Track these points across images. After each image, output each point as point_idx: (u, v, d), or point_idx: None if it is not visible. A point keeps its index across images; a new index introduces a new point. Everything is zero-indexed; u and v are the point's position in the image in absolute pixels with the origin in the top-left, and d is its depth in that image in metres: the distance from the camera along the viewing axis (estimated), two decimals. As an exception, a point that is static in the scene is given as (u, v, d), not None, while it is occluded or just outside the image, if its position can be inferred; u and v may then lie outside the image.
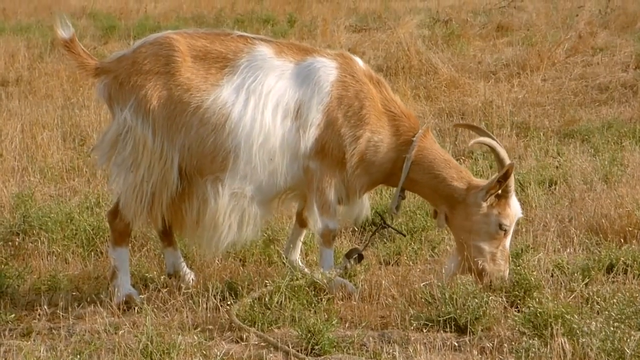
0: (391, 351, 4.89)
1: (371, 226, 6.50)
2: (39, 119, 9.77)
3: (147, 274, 5.77)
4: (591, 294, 5.45)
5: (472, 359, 4.84)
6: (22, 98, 10.96)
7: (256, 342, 5.02)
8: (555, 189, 7.57)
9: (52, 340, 5.10)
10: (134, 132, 5.45)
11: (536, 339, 4.83)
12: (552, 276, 5.79)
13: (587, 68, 12.28)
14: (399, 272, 5.95)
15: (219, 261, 6.07)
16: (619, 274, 5.83)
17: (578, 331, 4.79)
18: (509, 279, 5.50)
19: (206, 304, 5.38)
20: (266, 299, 5.32)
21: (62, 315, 5.36)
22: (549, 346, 4.73)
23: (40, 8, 19.20)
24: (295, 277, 5.43)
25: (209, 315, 5.33)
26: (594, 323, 4.84)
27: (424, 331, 5.14)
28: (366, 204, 5.84)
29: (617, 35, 14.42)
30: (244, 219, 5.54)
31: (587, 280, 5.68)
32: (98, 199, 7.11)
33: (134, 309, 5.43)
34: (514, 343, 4.93)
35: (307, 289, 5.41)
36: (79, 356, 4.77)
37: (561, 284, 5.66)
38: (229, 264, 6.07)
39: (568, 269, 5.87)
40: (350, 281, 5.74)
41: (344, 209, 5.74)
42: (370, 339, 5.08)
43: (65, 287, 5.80)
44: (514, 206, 5.52)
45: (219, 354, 4.84)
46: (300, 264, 5.95)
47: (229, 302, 5.34)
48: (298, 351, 4.91)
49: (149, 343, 4.81)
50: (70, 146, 9.05)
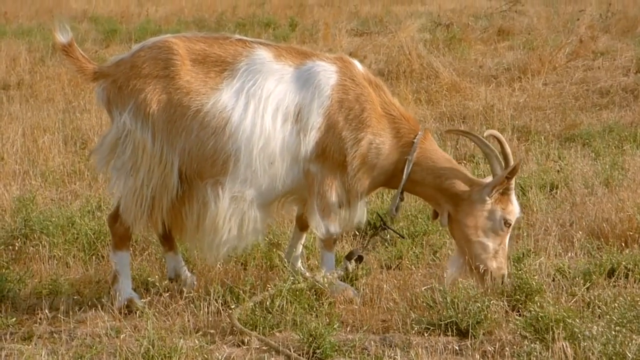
0: (393, 355, 4.88)
1: (372, 229, 6.50)
2: (40, 122, 9.78)
3: (148, 278, 5.76)
4: (592, 298, 5.45)
5: (473, 363, 4.85)
6: (23, 102, 10.97)
7: (257, 346, 5.02)
8: (557, 193, 7.57)
9: (54, 344, 5.09)
10: (133, 136, 5.44)
11: (538, 343, 4.83)
12: (553, 280, 5.78)
13: (588, 72, 12.29)
14: (401, 276, 5.95)
15: (220, 265, 6.06)
16: (620, 278, 5.82)
17: (579, 335, 4.78)
18: (509, 281, 5.50)
19: (208, 308, 5.38)
20: (267, 303, 5.32)
21: (64, 319, 5.35)
22: (550, 350, 4.73)
23: (42, 11, 19.24)
24: (296, 281, 5.43)
25: (210, 319, 5.32)
26: (595, 327, 4.84)
27: (425, 335, 5.14)
28: (364, 209, 5.83)
29: (618, 40, 14.44)
30: (244, 223, 5.54)
31: (589, 284, 5.67)
32: (99, 202, 7.12)
33: (136, 312, 5.43)
34: (515, 347, 4.92)
35: (308, 292, 5.41)
36: (80, 360, 4.78)
37: (562, 288, 5.66)
38: (231, 268, 6.07)
39: (569, 273, 5.86)
40: (352, 285, 5.74)
41: (344, 213, 5.74)
42: (372, 342, 5.07)
43: (66, 291, 5.79)
44: (516, 203, 5.56)
45: (220, 357, 4.84)
46: (302, 267, 5.95)
47: (231, 306, 5.33)
48: (299, 355, 4.90)
49: (150, 347, 4.81)
50: (72, 150, 9.05)
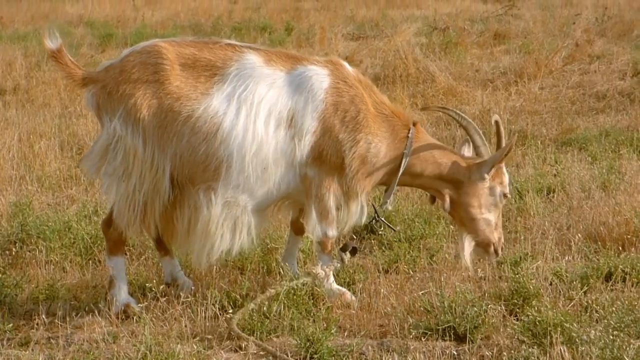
0: (390, 360, 4.89)
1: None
2: (36, 127, 9.77)
3: (145, 283, 5.76)
4: (590, 302, 5.45)
5: (471, 367, 4.85)
6: (19, 107, 10.96)
7: (255, 351, 5.02)
8: (554, 196, 7.57)
9: (51, 350, 5.09)
10: (124, 141, 5.40)
11: (535, 347, 4.83)
12: (550, 284, 5.79)
13: (584, 76, 12.30)
14: (398, 281, 5.95)
15: (217, 270, 6.06)
16: (617, 282, 5.83)
17: (577, 339, 4.79)
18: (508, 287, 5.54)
19: (205, 313, 5.37)
20: (265, 308, 5.32)
21: (61, 325, 5.34)
22: (548, 354, 4.73)
23: (38, 16, 19.22)
24: (296, 283, 5.43)
25: (207, 324, 5.32)
26: (593, 331, 4.85)
27: (423, 340, 5.14)
28: (365, 209, 5.83)
29: (614, 43, 14.46)
30: (237, 228, 5.53)
31: (586, 288, 5.68)
32: (96, 207, 7.11)
33: (133, 318, 5.42)
34: (513, 351, 4.92)
35: (305, 297, 5.40)
36: (77, 365, 4.77)
37: (560, 292, 5.67)
38: (228, 273, 6.06)
39: (567, 277, 5.87)
40: (349, 289, 5.73)
41: (343, 214, 5.74)
42: (369, 347, 5.07)
43: (63, 296, 5.79)
44: (507, 174, 5.81)
45: (217, 363, 4.84)
46: (297, 271, 5.95)
47: (229, 311, 5.33)
48: (297, 360, 4.91)
49: (147, 352, 4.81)
50: (68, 155, 9.04)
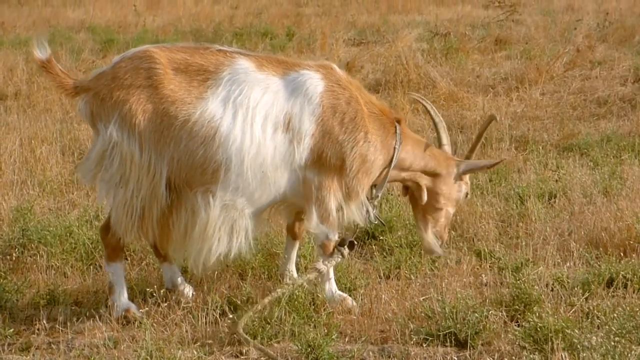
0: (391, 366, 4.89)
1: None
2: (37, 132, 9.76)
3: (146, 288, 5.75)
4: (591, 308, 5.45)
5: (472, 373, 4.84)
6: (20, 112, 10.96)
7: (256, 357, 5.01)
8: (555, 202, 7.57)
9: (51, 355, 5.09)
10: (120, 147, 5.38)
11: (537, 353, 4.83)
12: (552, 290, 5.78)
13: (585, 82, 12.30)
14: (399, 286, 5.95)
15: (218, 275, 6.05)
16: (619, 288, 5.82)
17: (579, 346, 4.78)
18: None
19: (206, 318, 5.37)
20: (266, 312, 5.31)
21: (61, 330, 5.34)
22: (549, 361, 4.73)
23: (39, 22, 19.23)
24: (294, 280, 5.47)
25: (208, 329, 5.31)
26: (594, 337, 4.84)
27: (423, 346, 5.13)
28: (364, 208, 5.86)
29: (616, 49, 14.45)
30: (234, 231, 5.53)
31: (587, 294, 5.67)
32: (97, 212, 7.10)
33: (134, 323, 5.42)
34: (514, 358, 4.92)
35: (306, 303, 5.40)
36: (78, 371, 4.77)
37: (561, 298, 5.66)
38: (229, 278, 6.06)
39: (568, 283, 5.86)
40: (350, 295, 5.73)
41: (347, 215, 5.75)
42: (370, 353, 5.07)
43: (64, 301, 5.78)
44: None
45: (218, 368, 4.84)
46: (296, 275, 5.96)
47: (229, 316, 5.32)
48: (298, 366, 4.90)
49: (148, 357, 4.81)
50: (69, 160, 9.04)
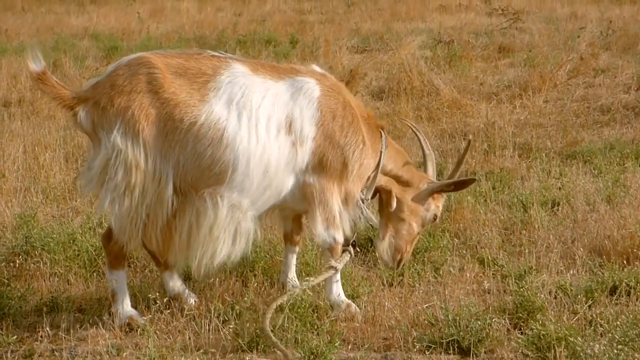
0: (394, 373, 4.89)
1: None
2: (41, 139, 9.77)
3: (149, 295, 5.75)
4: (594, 316, 5.43)
5: (475, 381, 4.84)
6: (24, 119, 10.97)
7: (259, 364, 5.02)
8: (558, 210, 7.56)
9: (54, 362, 5.09)
10: (124, 155, 5.33)
11: (540, 361, 4.83)
12: (555, 298, 5.77)
13: (589, 89, 12.30)
14: (402, 294, 5.95)
15: (220, 282, 6.05)
16: (622, 296, 5.81)
17: (582, 354, 4.78)
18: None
19: (209, 325, 5.37)
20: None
21: (65, 337, 5.34)
22: (552, 368, 4.72)
23: (43, 29, 19.26)
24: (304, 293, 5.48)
25: (211, 337, 5.31)
26: (597, 345, 4.83)
27: (426, 353, 5.13)
28: (361, 206, 5.91)
29: (619, 57, 14.45)
30: (237, 233, 5.53)
31: (591, 302, 5.66)
32: (100, 219, 7.10)
33: (137, 330, 5.41)
34: (517, 365, 4.92)
35: (309, 310, 5.40)
36: (81, 378, 4.76)
37: (564, 305, 5.65)
38: (231, 285, 6.06)
39: (571, 290, 5.85)
40: (353, 302, 5.73)
41: (344, 217, 5.77)
42: (373, 360, 5.07)
43: (67, 308, 5.78)
44: (443, 201, 6.20)
45: (221, 376, 4.84)
46: (297, 282, 5.97)
47: (232, 324, 5.32)
48: (301, 373, 4.90)
49: (151, 365, 4.80)
50: (73, 167, 9.04)
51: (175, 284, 5.87)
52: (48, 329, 5.40)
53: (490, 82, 12.66)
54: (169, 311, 5.53)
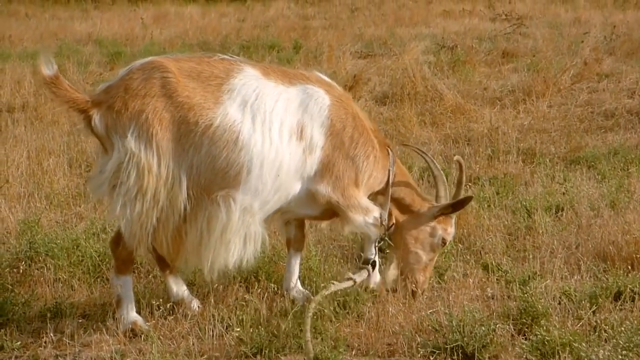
0: (398, 379, 4.88)
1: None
2: (45, 145, 9.78)
3: (153, 301, 5.75)
4: (599, 321, 5.43)
5: (479, 387, 4.83)
6: (28, 124, 10.98)
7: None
8: (562, 215, 7.55)
9: (58, 368, 5.09)
10: (137, 159, 5.32)
11: (544, 367, 4.82)
12: (559, 304, 5.76)
13: (592, 94, 12.30)
14: (406, 299, 5.93)
15: (224, 287, 6.05)
16: (626, 302, 5.80)
17: (586, 359, 4.76)
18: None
19: (212, 331, 5.37)
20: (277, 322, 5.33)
21: (69, 343, 5.35)
22: (557, 374, 4.72)
23: (47, 35, 19.29)
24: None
25: (215, 342, 5.31)
26: (601, 351, 4.83)
27: (430, 359, 5.12)
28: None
29: (623, 62, 14.45)
30: (247, 237, 5.54)
31: (595, 307, 5.65)
32: (104, 225, 7.10)
33: (141, 336, 5.41)
34: (521, 371, 4.91)
35: (313, 316, 5.40)
36: (85, 384, 4.77)
37: (568, 311, 5.64)
38: (235, 291, 6.05)
39: (575, 296, 5.85)
40: (357, 308, 5.73)
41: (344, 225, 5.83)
42: (377, 366, 5.06)
43: (71, 314, 5.78)
44: (454, 225, 6.10)
45: (225, 381, 4.84)
46: (301, 287, 5.97)
47: (235, 329, 5.32)
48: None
49: (155, 370, 4.80)
50: (77, 172, 9.05)
51: (180, 289, 5.87)
52: (52, 334, 5.40)
53: (493, 87, 12.67)
54: (172, 317, 5.53)
